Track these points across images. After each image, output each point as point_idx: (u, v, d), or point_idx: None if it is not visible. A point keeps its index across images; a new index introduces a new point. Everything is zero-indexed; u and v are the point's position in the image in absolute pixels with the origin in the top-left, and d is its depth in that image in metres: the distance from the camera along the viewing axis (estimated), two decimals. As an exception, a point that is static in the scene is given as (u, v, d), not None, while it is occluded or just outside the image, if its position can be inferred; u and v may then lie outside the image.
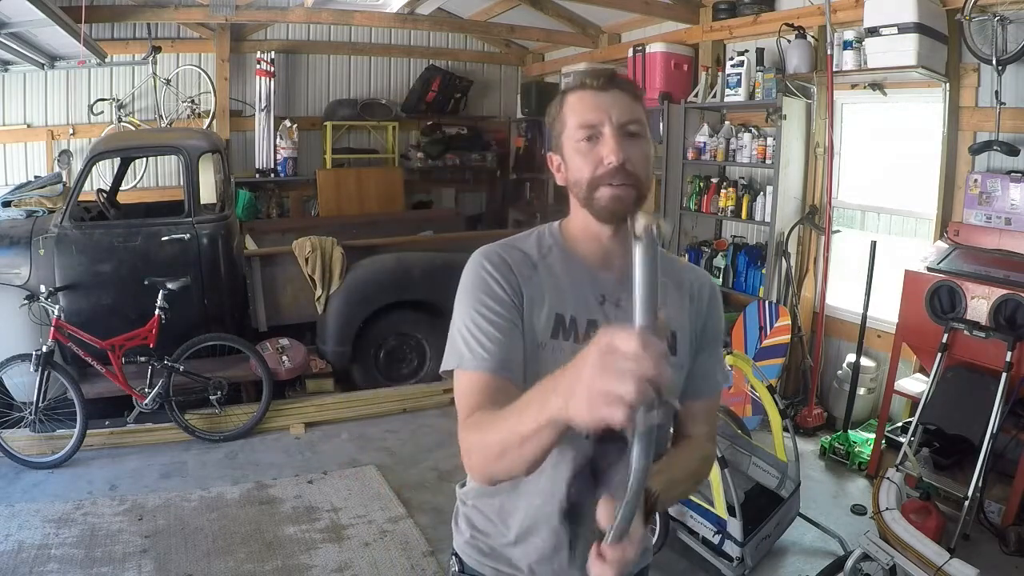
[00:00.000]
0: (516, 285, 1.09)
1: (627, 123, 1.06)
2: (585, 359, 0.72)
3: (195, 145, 4.42)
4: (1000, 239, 3.37)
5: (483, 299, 1.07)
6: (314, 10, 5.65)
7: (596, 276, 1.13)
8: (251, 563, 2.90)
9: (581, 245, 1.15)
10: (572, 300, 1.11)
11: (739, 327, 4.47)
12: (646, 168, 1.07)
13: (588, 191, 1.07)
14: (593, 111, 1.06)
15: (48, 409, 3.81)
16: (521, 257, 1.13)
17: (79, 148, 6.05)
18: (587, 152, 1.06)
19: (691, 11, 5.28)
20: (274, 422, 4.28)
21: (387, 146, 7.32)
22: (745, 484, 3.01)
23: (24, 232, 4.14)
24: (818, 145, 4.43)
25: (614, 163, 1.03)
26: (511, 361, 1.04)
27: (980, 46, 3.37)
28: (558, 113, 1.12)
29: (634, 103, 1.09)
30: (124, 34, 6.16)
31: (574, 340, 1.09)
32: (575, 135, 1.07)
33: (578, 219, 1.15)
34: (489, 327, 1.05)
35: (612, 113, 1.05)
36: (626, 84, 1.10)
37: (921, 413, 3.27)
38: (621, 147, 1.04)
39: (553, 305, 1.10)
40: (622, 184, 1.04)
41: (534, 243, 1.16)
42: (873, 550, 2.39)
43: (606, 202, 1.05)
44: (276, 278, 4.74)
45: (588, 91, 1.09)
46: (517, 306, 1.08)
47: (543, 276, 1.12)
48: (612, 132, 1.04)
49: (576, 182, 1.09)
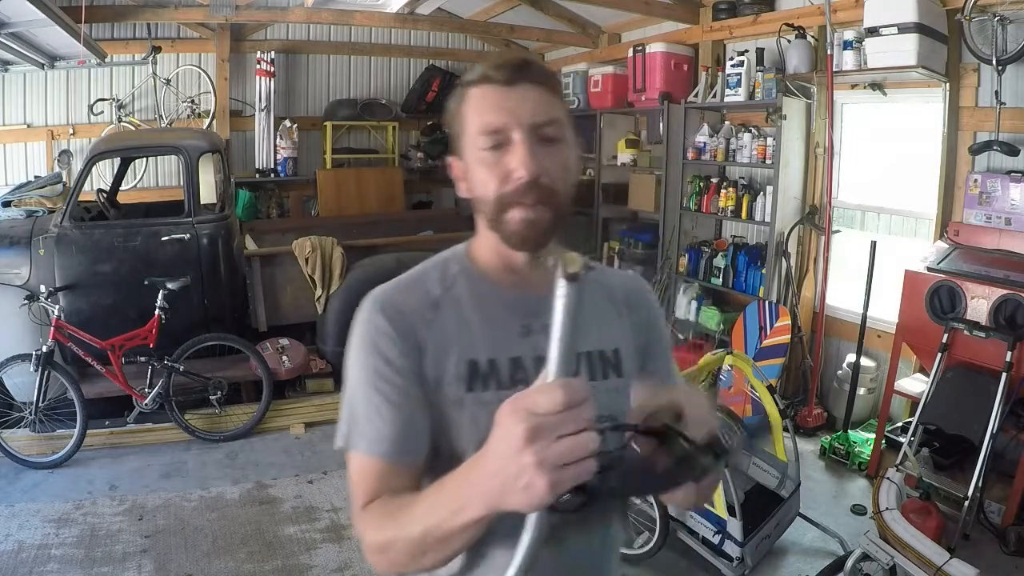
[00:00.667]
0: (414, 339, 0.90)
1: (541, 125, 0.87)
2: (504, 435, 0.63)
3: (195, 145, 4.42)
4: (1000, 239, 3.37)
5: (375, 364, 0.89)
6: (314, 10, 5.64)
7: (514, 302, 0.94)
8: (251, 563, 2.91)
9: (492, 270, 0.96)
10: (487, 339, 0.92)
11: (739, 327, 4.47)
12: (566, 180, 0.89)
13: (495, 211, 0.88)
14: (497, 112, 0.87)
15: (48, 409, 3.81)
16: (420, 298, 0.93)
17: (79, 148, 6.05)
18: (492, 163, 0.87)
19: (691, 11, 5.28)
20: (274, 422, 4.28)
21: (387, 146, 7.32)
22: (745, 484, 3.01)
23: (24, 232, 4.14)
24: (818, 145, 4.43)
25: (524, 178, 0.85)
26: (412, 441, 0.88)
27: (980, 46, 3.37)
28: (457, 111, 0.92)
29: (551, 99, 0.89)
30: (124, 34, 6.16)
31: (497, 387, 0.90)
32: (477, 142, 0.88)
33: (487, 241, 0.95)
34: (382, 403, 0.88)
35: (521, 114, 0.86)
36: (540, 75, 0.90)
37: (921, 413, 3.27)
38: (534, 157, 0.85)
39: (463, 351, 0.91)
40: (536, 203, 0.86)
41: (437, 276, 0.97)
42: (873, 550, 2.39)
43: (516, 226, 0.87)
44: (276, 278, 4.75)
45: (491, 86, 0.88)
46: (416, 368, 0.89)
47: (448, 318, 0.92)
48: (522, 138, 0.86)
49: (481, 199, 0.90)
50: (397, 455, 0.87)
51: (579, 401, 0.62)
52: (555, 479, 0.61)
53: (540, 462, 0.61)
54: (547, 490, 0.61)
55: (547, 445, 0.61)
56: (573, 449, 0.61)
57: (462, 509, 0.72)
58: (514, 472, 0.63)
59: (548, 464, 0.61)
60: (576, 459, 0.61)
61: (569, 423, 0.62)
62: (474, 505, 0.70)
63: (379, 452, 0.87)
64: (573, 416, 0.62)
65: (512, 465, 0.63)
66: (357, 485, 0.89)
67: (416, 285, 0.96)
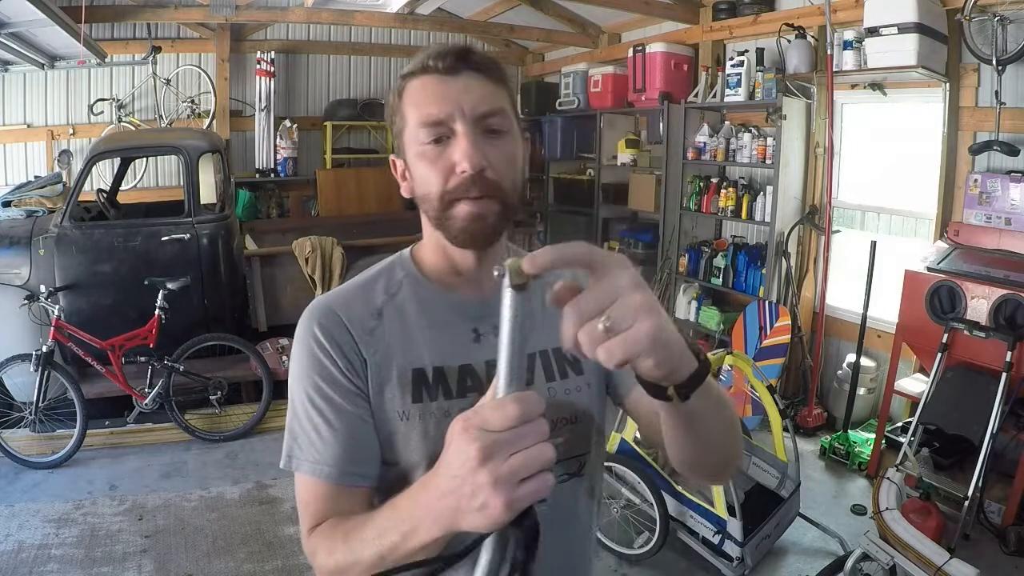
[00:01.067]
0: (355, 352, 0.86)
1: (485, 116, 0.83)
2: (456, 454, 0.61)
3: (195, 145, 4.42)
4: (1000, 239, 3.37)
5: (315, 381, 0.85)
6: (314, 10, 5.64)
7: (462, 306, 0.91)
8: (251, 563, 2.91)
9: (438, 272, 0.92)
10: (433, 346, 0.88)
11: (739, 327, 4.47)
12: (513, 173, 0.85)
13: (439, 208, 0.84)
14: (438, 102, 0.82)
15: (48, 409, 3.82)
16: (361, 308, 0.89)
17: (79, 148, 6.05)
18: (435, 158, 0.83)
19: (691, 11, 5.28)
20: (274, 422, 4.27)
21: (387, 146, 7.31)
22: (745, 484, 3.01)
23: (24, 232, 4.14)
24: (818, 145, 4.43)
25: (468, 172, 0.80)
26: (357, 463, 0.84)
27: (980, 46, 3.37)
28: (396, 105, 0.87)
29: (495, 89, 0.85)
30: (124, 34, 6.16)
31: (444, 397, 0.87)
32: (418, 135, 0.84)
33: (432, 241, 0.92)
34: (321, 422, 0.84)
35: (464, 104, 0.82)
36: (483, 63, 0.85)
37: (921, 413, 3.27)
38: (477, 149, 0.81)
39: (407, 361, 0.87)
40: (481, 197, 0.82)
41: (382, 282, 0.93)
42: (873, 550, 2.39)
43: (462, 222, 0.83)
44: (276, 278, 4.75)
45: (432, 76, 0.84)
46: (358, 382, 0.86)
47: (390, 326, 0.88)
48: (465, 130, 0.81)
49: (424, 197, 0.86)
50: (340, 476, 0.84)
51: (533, 414, 0.59)
52: (512, 498, 0.58)
53: (495, 481, 0.58)
54: (503, 509, 0.58)
55: (501, 463, 0.58)
56: (529, 464, 0.58)
57: (414, 531, 0.68)
58: (468, 492, 0.60)
59: (504, 482, 0.58)
60: (533, 473, 0.59)
61: (524, 438, 0.59)
62: (427, 527, 0.67)
63: (323, 475, 0.84)
64: (528, 431, 0.59)
65: (466, 486, 0.60)
66: (304, 507, 0.86)
67: (359, 293, 0.92)
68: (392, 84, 0.90)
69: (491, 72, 0.86)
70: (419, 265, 0.94)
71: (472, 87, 0.83)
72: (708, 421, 0.72)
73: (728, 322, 4.78)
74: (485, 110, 0.83)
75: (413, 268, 0.94)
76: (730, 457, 0.84)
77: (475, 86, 0.83)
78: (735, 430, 0.82)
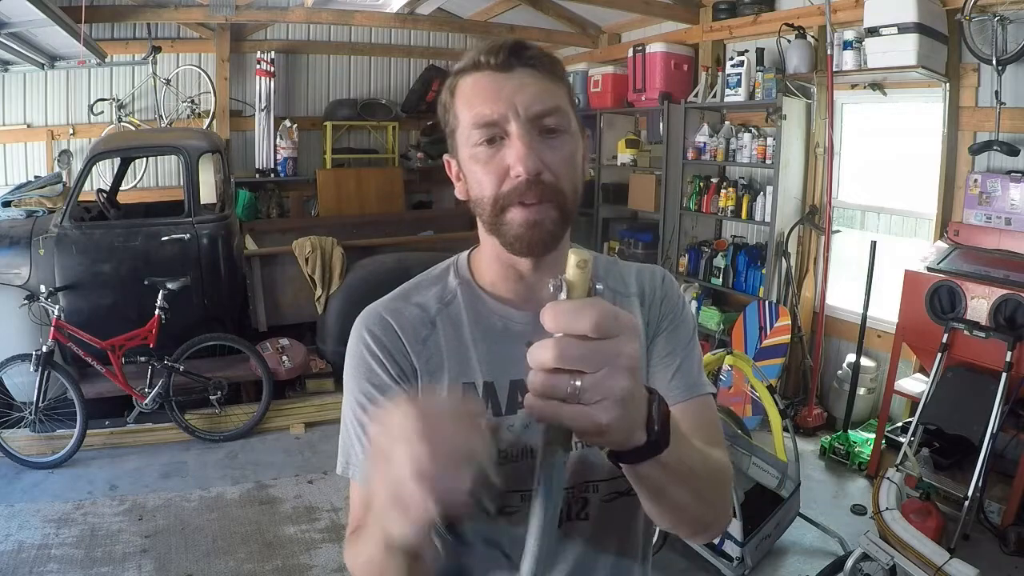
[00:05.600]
0: (406, 358, 0.84)
1: (541, 115, 0.78)
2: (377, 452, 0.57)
3: (195, 145, 4.42)
4: (1000, 239, 3.37)
5: (366, 388, 0.84)
6: (314, 10, 5.64)
7: (518, 319, 0.87)
8: (251, 563, 2.91)
9: (493, 281, 0.88)
10: (485, 360, 0.85)
11: (739, 327, 4.47)
12: (571, 175, 0.80)
13: (494, 213, 0.79)
14: (491, 102, 0.77)
15: (48, 409, 3.81)
16: (415, 316, 0.87)
17: (79, 148, 6.05)
18: (488, 160, 0.78)
19: (691, 11, 5.28)
20: (274, 422, 4.28)
21: (387, 146, 7.31)
22: (745, 484, 3.01)
23: (24, 232, 4.14)
24: (818, 145, 4.43)
25: (523, 175, 0.76)
26: None
27: (980, 46, 3.37)
28: (449, 103, 0.83)
29: (551, 85, 0.80)
30: (124, 34, 6.15)
31: (493, 413, 0.83)
32: (471, 136, 0.79)
33: (488, 248, 0.87)
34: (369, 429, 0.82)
35: (518, 103, 0.77)
36: (538, 59, 0.80)
37: (921, 413, 3.27)
38: (532, 151, 0.76)
39: (458, 374, 0.84)
40: (538, 202, 0.77)
41: (436, 290, 0.90)
42: (873, 550, 2.39)
43: (517, 229, 0.78)
44: (276, 278, 4.75)
45: (484, 73, 0.79)
46: (408, 390, 0.83)
47: (443, 336, 0.86)
48: (519, 131, 0.76)
49: (478, 200, 0.81)
50: None
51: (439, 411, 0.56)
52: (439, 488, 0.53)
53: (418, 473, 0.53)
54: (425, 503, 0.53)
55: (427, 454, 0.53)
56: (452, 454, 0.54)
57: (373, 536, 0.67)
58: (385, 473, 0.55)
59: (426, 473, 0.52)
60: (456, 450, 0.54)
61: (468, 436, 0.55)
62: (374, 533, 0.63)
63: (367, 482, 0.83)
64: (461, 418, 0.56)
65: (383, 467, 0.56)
66: (352, 510, 0.85)
67: (413, 302, 0.89)
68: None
69: (547, 68, 0.81)
70: (475, 273, 0.91)
71: (526, 84, 0.78)
72: (667, 491, 0.69)
73: (728, 322, 4.78)
74: (540, 109, 0.78)
75: (469, 276, 0.91)
76: (703, 525, 0.80)
77: (530, 83, 0.78)
78: (705, 500, 0.75)
